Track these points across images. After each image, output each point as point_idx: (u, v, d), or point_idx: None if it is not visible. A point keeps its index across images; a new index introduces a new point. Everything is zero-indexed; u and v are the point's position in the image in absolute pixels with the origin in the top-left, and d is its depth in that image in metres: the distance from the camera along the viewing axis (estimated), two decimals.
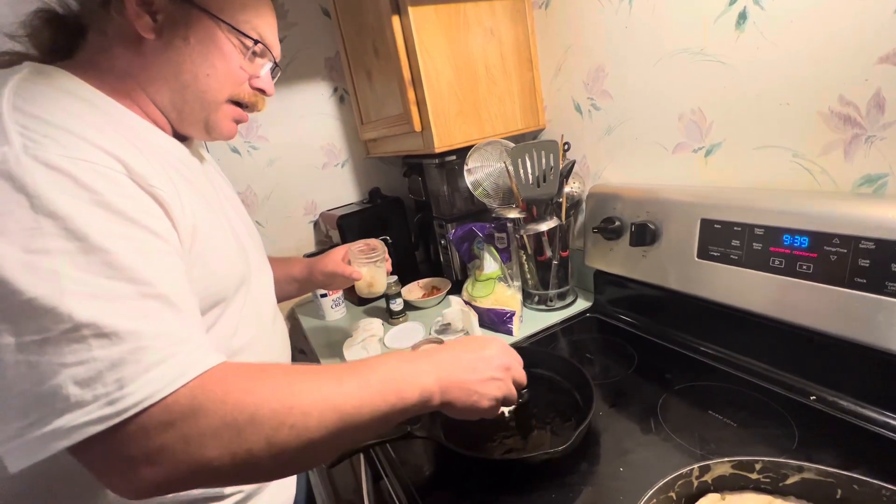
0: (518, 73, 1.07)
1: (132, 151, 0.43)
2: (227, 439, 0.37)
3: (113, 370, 0.35)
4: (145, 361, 0.36)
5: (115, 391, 0.35)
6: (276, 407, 0.39)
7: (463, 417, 0.54)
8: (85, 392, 0.34)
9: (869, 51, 0.57)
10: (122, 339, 0.35)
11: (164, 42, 0.49)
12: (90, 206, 0.37)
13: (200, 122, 0.55)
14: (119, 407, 0.34)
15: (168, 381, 0.36)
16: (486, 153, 1.07)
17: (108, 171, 0.39)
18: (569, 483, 0.58)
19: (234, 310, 0.54)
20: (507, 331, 0.99)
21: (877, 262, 0.55)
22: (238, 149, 1.32)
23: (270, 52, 0.57)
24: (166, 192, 0.44)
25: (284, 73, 1.33)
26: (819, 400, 0.64)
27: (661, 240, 0.83)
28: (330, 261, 0.86)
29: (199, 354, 0.39)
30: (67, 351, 0.34)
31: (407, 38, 0.95)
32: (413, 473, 0.65)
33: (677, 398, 0.71)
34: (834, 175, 0.65)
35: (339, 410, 0.42)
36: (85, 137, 0.39)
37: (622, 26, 0.86)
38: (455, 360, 0.53)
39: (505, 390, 0.55)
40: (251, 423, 0.38)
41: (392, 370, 0.47)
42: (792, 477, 0.46)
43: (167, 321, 0.39)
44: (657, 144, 0.88)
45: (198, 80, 0.52)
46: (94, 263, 0.36)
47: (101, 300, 0.36)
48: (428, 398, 0.48)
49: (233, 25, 0.52)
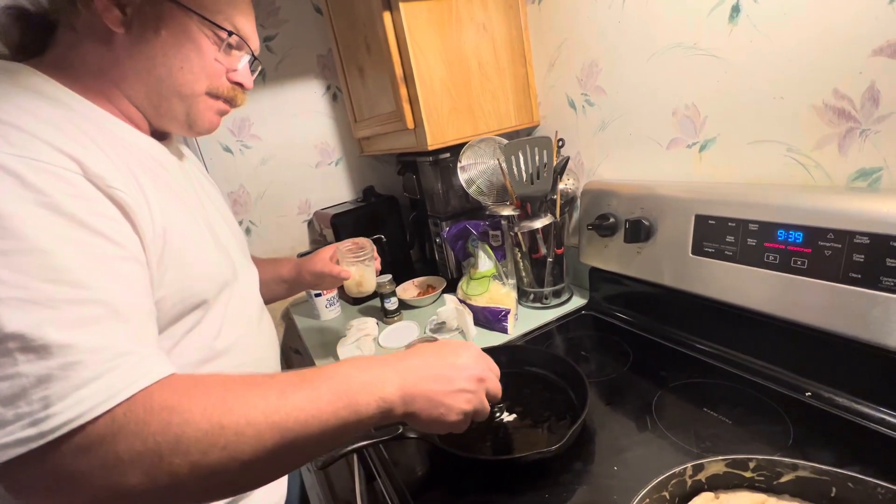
0: (511, 70, 1.06)
1: (93, 151, 0.41)
2: (148, 465, 0.34)
3: (39, 387, 0.32)
4: (75, 378, 0.33)
5: (40, 411, 0.32)
6: (204, 427, 0.36)
7: (428, 430, 0.51)
8: (7, 410, 0.32)
9: (863, 43, 0.57)
10: (52, 353, 0.33)
11: (134, 36, 0.48)
12: (34, 206, 0.35)
13: (180, 116, 0.54)
14: (43, 428, 0.32)
15: (99, 400, 0.34)
16: (480, 150, 1.06)
17: (61, 170, 0.37)
18: (563, 482, 0.58)
19: (216, 312, 0.53)
20: (502, 329, 0.98)
21: (871, 257, 0.55)
22: (231, 148, 1.31)
23: (247, 44, 0.56)
24: (128, 195, 0.42)
25: (276, 71, 1.32)
26: (814, 396, 0.64)
27: (656, 236, 0.82)
28: (318, 261, 0.85)
29: (138, 370, 0.36)
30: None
31: (399, 35, 0.94)
32: (406, 474, 0.65)
33: (672, 396, 0.70)
34: (828, 169, 0.64)
35: (279, 427, 0.38)
36: (39, 137, 0.38)
37: (615, 21, 0.86)
38: (422, 368, 0.49)
39: (476, 403, 0.51)
40: (175, 446, 0.35)
41: (347, 379, 0.44)
42: (786, 475, 0.46)
43: (107, 332, 0.36)
44: (651, 140, 0.87)
45: (172, 73, 0.50)
46: (31, 265, 0.34)
47: (35, 306, 0.33)
48: (388, 409, 0.45)
49: (205, 17, 0.50)
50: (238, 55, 0.56)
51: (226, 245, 0.60)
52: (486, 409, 0.53)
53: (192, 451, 0.35)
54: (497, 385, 0.55)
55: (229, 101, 0.57)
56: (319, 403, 0.41)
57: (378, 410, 0.44)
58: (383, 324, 1.14)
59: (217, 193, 0.69)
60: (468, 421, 0.52)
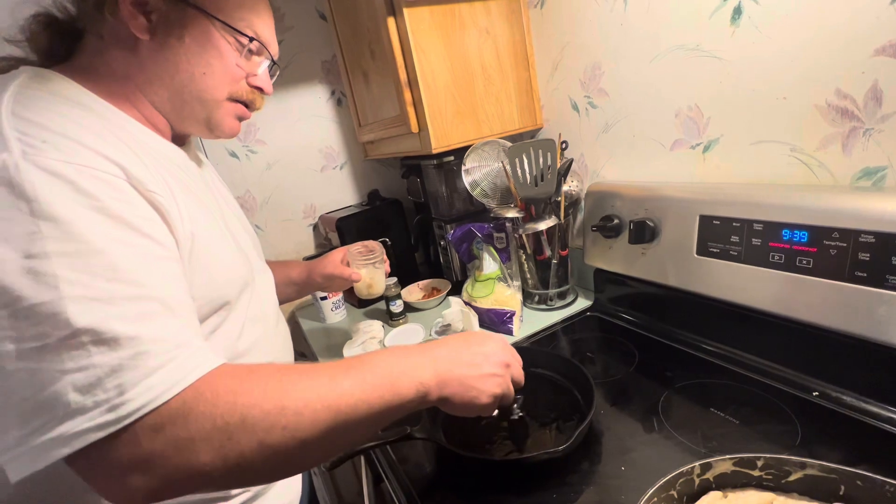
0: (514, 73, 1.07)
1: (131, 156, 0.43)
2: (218, 443, 0.37)
3: (113, 376, 0.35)
4: (145, 367, 0.36)
5: (116, 397, 0.35)
6: (267, 408, 0.38)
7: (460, 413, 0.53)
8: (86, 398, 0.34)
9: (865, 43, 0.57)
10: (121, 344, 0.35)
11: (159, 42, 0.49)
12: (89, 210, 0.37)
13: (202, 120, 0.55)
14: (120, 413, 0.34)
15: (168, 385, 0.36)
16: (484, 153, 1.07)
17: (108, 176, 0.39)
18: (570, 483, 0.58)
19: (238, 312, 0.54)
20: (507, 331, 0.98)
21: (877, 256, 0.55)
22: (236, 153, 1.32)
23: (267, 49, 0.57)
24: (164, 198, 0.44)
25: (282, 77, 1.32)
26: (822, 396, 0.64)
27: (660, 237, 0.82)
28: (329, 263, 0.87)
29: (197, 359, 0.39)
30: (67, 357, 0.34)
31: (402, 40, 0.95)
32: (414, 475, 0.65)
33: (679, 396, 0.70)
34: (832, 169, 0.64)
35: (333, 409, 0.41)
36: (84, 143, 0.39)
37: (617, 23, 0.86)
38: (454, 355, 0.52)
39: (504, 387, 0.54)
40: (242, 425, 0.37)
41: (388, 366, 0.46)
42: (795, 473, 0.46)
43: (166, 325, 0.38)
44: (655, 141, 0.88)
45: (194, 79, 0.52)
46: (93, 266, 0.36)
47: (100, 303, 0.35)
48: (425, 393, 0.48)
49: (228, 23, 0.52)
50: (258, 60, 0.57)
51: (244, 247, 0.62)
52: (512, 393, 0.57)
53: (258, 430, 0.38)
54: (521, 372, 0.58)
55: (249, 105, 0.59)
56: (366, 388, 0.44)
57: (416, 395, 0.47)
58: (389, 326, 1.14)
59: (231, 198, 0.71)
60: (496, 404, 0.55)
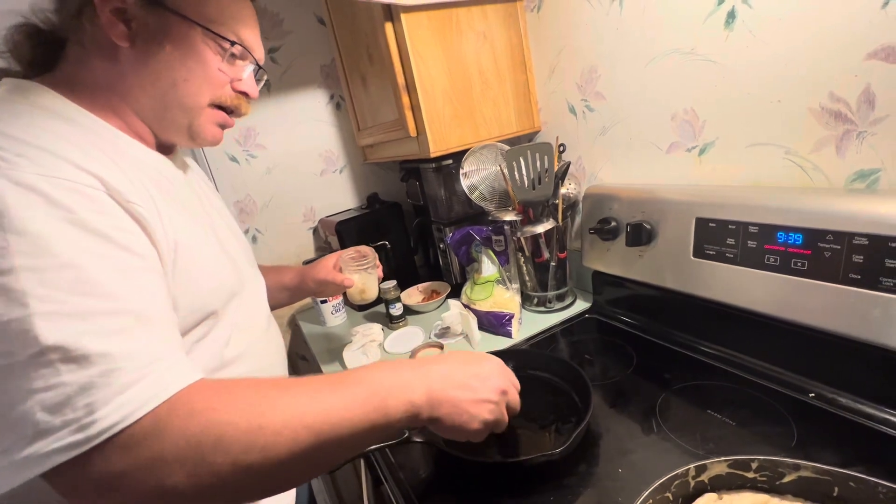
0: (512, 76, 1.08)
1: (111, 167, 0.42)
2: (192, 463, 0.36)
3: (82, 395, 0.34)
4: (116, 384, 0.35)
5: (85, 416, 0.34)
6: (244, 427, 0.37)
7: (449, 436, 0.51)
8: (54, 418, 0.33)
9: (858, 47, 0.57)
10: (92, 361, 0.34)
11: (139, 50, 0.49)
12: (63, 223, 0.36)
13: (183, 128, 0.54)
14: (89, 433, 0.34)
15: (140, 403, 0.35)
16: (482, 156, 1.07)
17: (85, 187, 0.39)
18: (567, 485, 0.58)
19: (225, 322, 0.54)
20: (506, 333, 0.99)
21: (871, 258, 0.55)
22: (236, 157, 1.33)
23: (251, 53, 0.56)
24: (145, 209, 0.43)
25: (281, 81, 1.34)
26: (818, 397, 0.64)
27: (657, 239, 0.83)
28: (321, 268, 0.86)
29: (172, 374, 0.38)
30: (35, 376, 0.33)
31: (400, 44, 0.96)
32: (413, 478, 0.66)
33: (676, 398, 0.71)
34: (826, 171, 0.65)
35: (313, 429, 0.40)
36: (61, 155, 0.39)
37: (613, 28, 0.87)
38: (450, 375, 0.50)
39: (497, 414, 0.52)
40: (217, 445, 0.36)
41: (376, 383, 0.45)
42: (789, 475, 0.46)
43: (139, 339, 0.38)
44: (651, 144, 0.88)
45: (176, 85, 0.51)
46: (65, 280, 0.35)
47: (71, 319, 0.35)
48: (415, 413, 0.46)
49: (209, 28, 0.51)
50: (242, 65, 0.57)
51: (233, 255, 0.61)
52: (505, 421, 0.54)
53: (233, 451, 0.37)
54: (517, 399, 0.56)
55: (233, 111, 0.58)
56: (351, 406, 0.42)
57: (406, 414, 0.45)
58: (388, 329, 1.14)
59: (221, 204, 0.70)
60: (487, 431, 0.53)
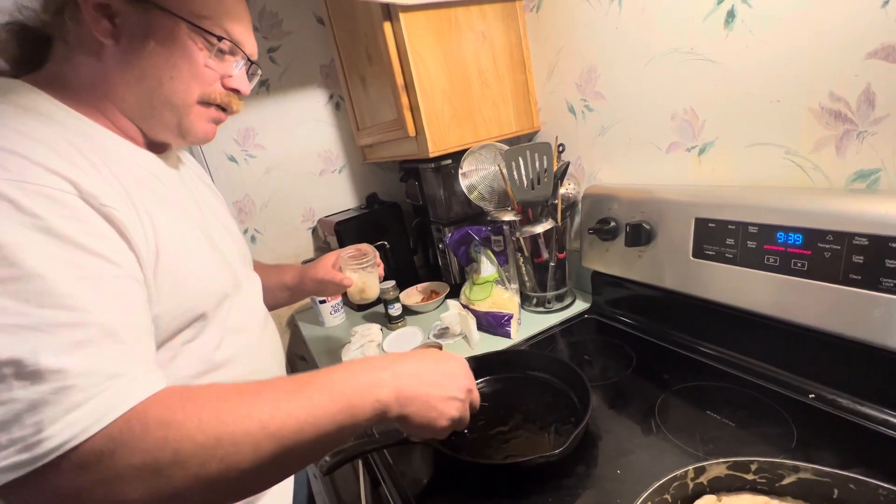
0: (511, 76, 1.08)
1: (87, 170, 0.41)
2: (149, 479, 0.35)
3: (32, 412, 0.33)
4: (68, 402, 0.34)
5: (33, 435, 0.32)
6: (201, 440, 0.36)
7: (415, 433, 0.52)
8: (1, 436, 0.32)
9: (858, 46, 0.57)
10: (44, 378, 0.33)
11: (124, 47, 0.48)
12: (29, 231, 0.35)
13: (173, 127, 0.53)
14: (36, 452, 0.32)
15: (90, 422, 0.34)
16: (481, 156, 1.07)
17: (56, 192, 0.38)
18: (566, 486, 0.58)
19: (216, 323, 0.53)
20: (505, 333, 0.99)
21: (871, 259, 0.55)
22: (235, 157, 1.33)
23: (240, 48, 0.55)
24: (122, 212, 0.42)
25: (280, 81, 1.34)
26: (818, 398, 0.64)
27: (657, 240, 0.83)
28: (321, 268, 0.85)
29: (130, 389, 0.37)
30: None
31: (399, 44, 0.95)
32: (411, 479, 0.65)
33: (675, 399, 0.70)
34: (826, 171, 0.64)
35: (275, 436, 0.39)
36: (32, 159, 0.38)
37: (612, 28, 0.87)
38: (418, 373, 0.50)
39: (462, 411, 0.54)
40: (174, 460, 0.35)
41: (342, 383, 0.44)
42: (788, 477, 0.46)
43: (103, 353, 0.37)
44: (651, 144, 0.88)
45: (162, 83, 0.50)
46: (28, 291, 0.34)
47: (29, 332, 0.34)
48: (384, 411, 0.46)
49: (194, 23, 0.49)
50: (232, 60, 0.55)
51: (227, 255, 0.60)
52: (468, 419, 0.56)
53: (191, 464, 0.36)
54: (478, 396, 0.59)
55: (224, 108, 0.56)
56: (315, 409, 0.41)
57: (374, 413, 0.45)
58: (387, 330, 1.14)
59: (218, 202, 0.69)
60: (451, 429, 0.54)
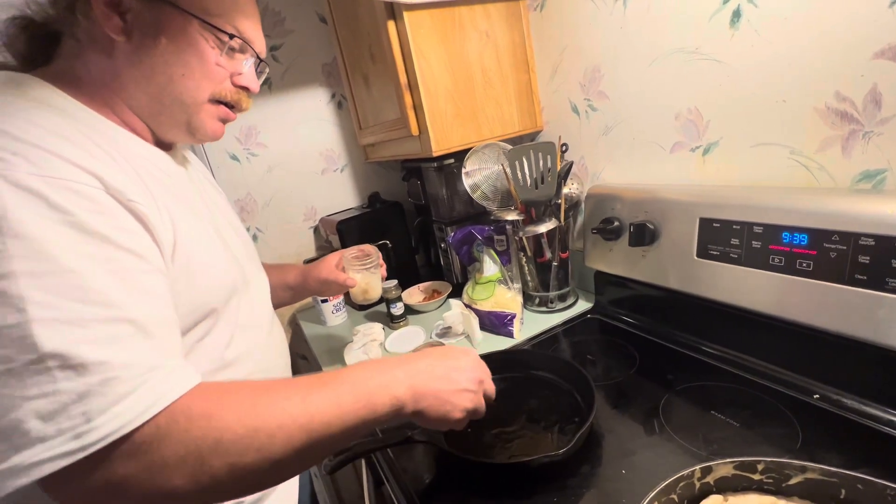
0: (514, 76, 1.07)
1: (109, 165, 0.41)
2: (191, 467, 0.37)
3: (79, 403, 0.34)
4: (113, 393, 0.35)
5: (82, 425, 0.34)
6: (240, 432, 0.39)
7: (433, 427, 0.54)
8: (48, 426, 0.33)
9: (864, 46, 0.57)
10: (89, 370, 0.34)
11: (135, 44, 0.47)
12: (61, 226, 0.36)
13: (182, 124, 0.53)
14: (86, 441, 0.34)
15: (137, 412, 0.35)
16: (484, 156, 1.07)
17: (83, 187, 0.38)
18: (570, 486, 0.58)
19: (227, 320, 0.54)
20: (507, 333, 0.98)
21: (877, 259, 0.55)
22: (237, 156, 1.33)
23: (251, 46, 0.55)
24: (145, 206, 0.43)
25: (282, 80, 1.34)
26: (823, 398, 0.64)
27: (661, 239, 0.82)
28: (324, 268, 0.85)
29: (170, 382, 0.38)
30: (31, 383, 0.33)
31: (403, 43, 0.95)
32: (414, 479, 0.65)
33: (679, 398, 0.70)
34: (832, 171, 0.64)
35: (306, 429, 0.41)
36: (58, 153, 0.38)
37: (617, 27, 0.86)
38: (430, 369, 0.52)
39: (477, 402, 0.56)
40: (215, 449, 0.38)
41: (363, 381, 0.47)
42: (795, 477, 0.46)
43: (137, 347, 0.38)
44: (655, 144, 0.88)
45: (173, 81, 0.50)
46: (63, 286, 0.35)
47: (69, 325, 0.35)
48: (400, 407, 0.48)
49: (206, 20, 0.49)
50: (241, 58, 0.55)
51: (235, 252, 0.60)
52: (483, 409, 0.58)
53: (231, 454, 0.38)
54: (493, 387, 0.60)
55: (234, 106, 0.57)
56: (341, 405, 0.44)
57: (391, 408, 0.48)
58: (389, 329, 1.14)
59: (223, 201, 0.69)
60: (468, 419, 0.56)
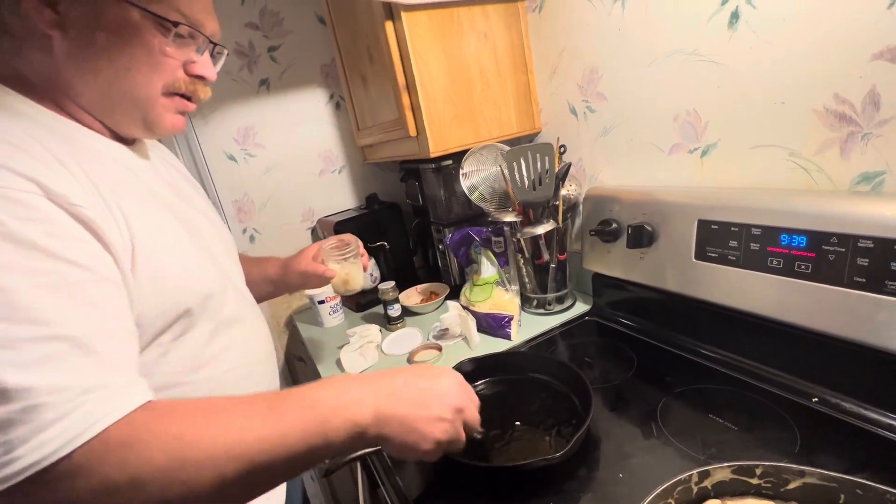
0: (513, 77, 1.07)
1: (55, 168, 0.39)
2: (107, 501, 0.35)
3: (1, 432, 0.32)
4: (38, 420, 0.32)
5: (1, 455, 0.32)
6: (163, 465, 0.36)
7: (398, 455, 0.48)
8: None
9: (863, 47, 0.57)
10: (11, 397, 0.32)
11: (73, 38, 0.44)
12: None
13: (138, 121, 0.50)
14: (5, 472, 0.32)
15: (61, 443, 0.33)
16: (482, 157, 1.06)
17: (19, 193, 0.36)
18: (567, 489, 0.57)
19: (205, 317, 0.52)
20: (505, 335, 0.98)
21: (875, 261, 0.55)
22: (235, 156, 1.32)
23: (200, 31, 0.51)
24: (93, 210, 0.40)
25: (280, 81, 1.33)
26: (821, 402, 0.63)
27: (659, 241, 0.82)
28: (302, 260, 0.83)
29: (110, 404, 0.36)
30: None
31: (401, 44, 0.95)
32: (410, 481, 0.64)
33: (677, 402, 0.70)
34: (831, 173, 0.64)
35: (242, 459, 0.38)
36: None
37: (615, 28, 0.86)
38: (400, 390, 0.47)
39: (451, 434, 0.49)
40: (133, 485, 0.35)
41: (320, 403, 0.43)
42: (794, 482, 0.45)
43: (74, 366, 0.35)
44: (653, 146, 0.88)
45: (120, 76, 0.46)
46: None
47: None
48: (360, 433, 0.44)
49: (145, 8, 0.46)
50: (193, 45, 0.51)
51: (210, 246, 0.58)
52: (462, 441, 0.52)
53: (151, 488, 0.35)
54: (475, 416, 0.54)
55: (190, 97, 0.53)
56: (286, 431, 0.40)
57: (348, 434, 0.43)
58: (386, 331, 1.13)
59: (197, 192, 0.65)
60: (440, 452, 0.50)
